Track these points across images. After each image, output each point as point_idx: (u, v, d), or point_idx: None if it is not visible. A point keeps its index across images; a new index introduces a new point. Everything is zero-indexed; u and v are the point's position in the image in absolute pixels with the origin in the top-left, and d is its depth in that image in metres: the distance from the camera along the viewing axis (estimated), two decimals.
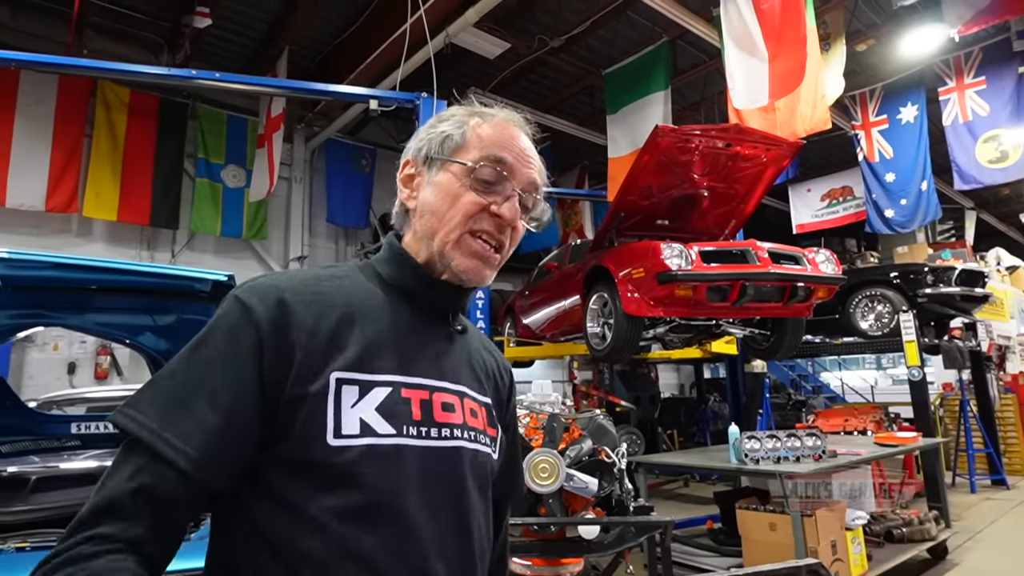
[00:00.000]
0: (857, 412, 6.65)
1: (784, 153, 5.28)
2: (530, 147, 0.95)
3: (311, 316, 0.79)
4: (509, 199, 0.88)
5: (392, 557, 0.74)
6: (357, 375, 0.78)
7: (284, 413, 0.75)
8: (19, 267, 2.11)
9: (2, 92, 7.40)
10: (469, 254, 0.87)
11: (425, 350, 0.87)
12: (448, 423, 0.84)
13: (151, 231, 8.70)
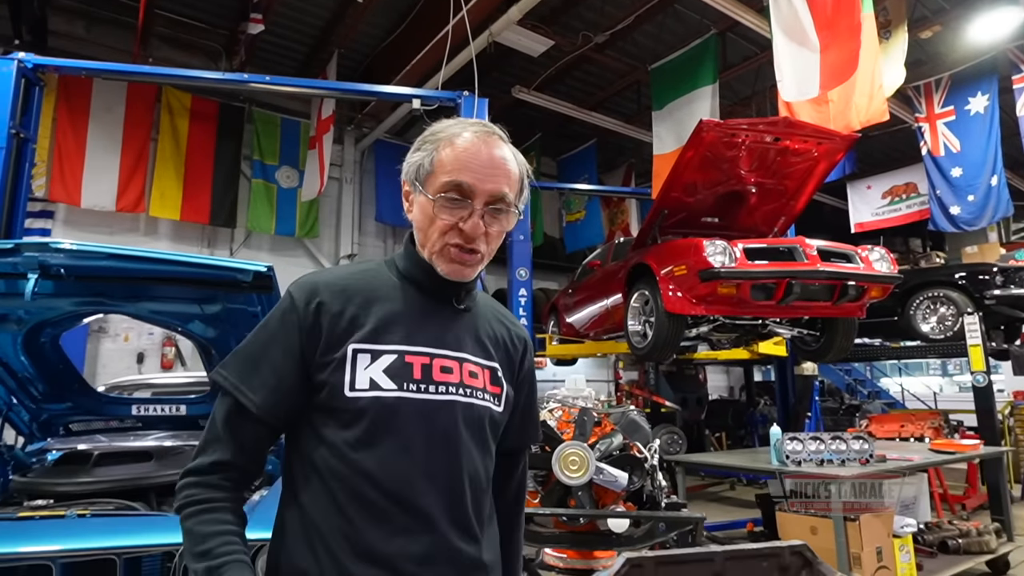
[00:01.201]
0: (914, 418, 6.34)
1: (837, 147, 5.09)
2: (497, 157, 1.08)
3: (338, 303, 1.07)
4: (472, 216, 1.06)
5: (388, 473, 1.02)
6: (370, 346, 1.06)
7: (317, 374, 1.05)
8: (80, 257, 2.28)
9: (78, 101, 7.91)
10: (448, 261, 1.09)
11: (429, 326, 1.11)
12: (444, 382, 1.08)
13: (211, 230, 9.12)
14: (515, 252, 7.70)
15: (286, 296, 1.10)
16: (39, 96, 5.26)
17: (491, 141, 1.08)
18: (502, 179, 1.07)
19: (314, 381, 1.04)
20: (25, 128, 5.00)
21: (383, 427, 1.02)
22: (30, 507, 2.30)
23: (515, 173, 1.10)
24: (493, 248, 1.11)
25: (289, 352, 1.04)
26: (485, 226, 1.07)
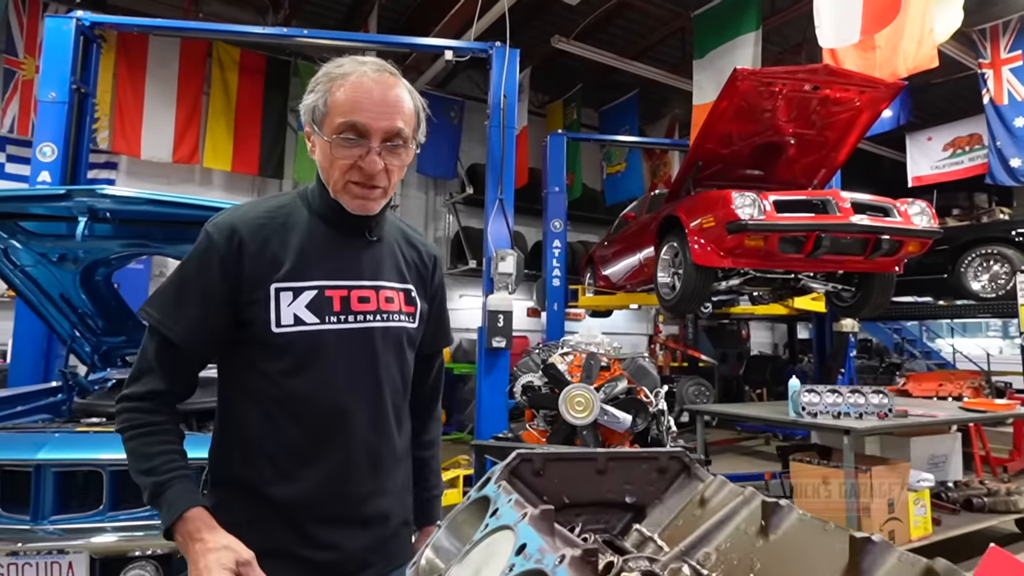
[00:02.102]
0: (954, 377, 6.16)
1: (882, 96, 4.87)
2: (391, 96, 1.11)
3: (256, 243, 1.13)
4: (370, 153, 1.10)
5: (318, 395, 1.14)
6: (291, 284, 1.13)
7: (245, 310, 1.13)
8: (122, 202, 2.51)
9: (136, 57, 8.27)
10: (352, 197, 1.14)
11: (345, 260, 1.19)
12: (362, 311, 1.19)
13: (261, 180, 9.49)
14: (550, 204, 7.75)
15: (204, 235, 1.12)
16: (97, 53, 5.53)
17: (383, 80, 1.11)
18: (396, 116, 1.11)
19: (241, 317, 1.11)
20: (85, 83, 5.31)
21: (310, 356, 1.13)
22: (86, 423, 2.61)
23: (409, 108, 1.14)
24: (395, 181, 1.17)
25: (211, 288, 1.10)
26: (384, 162, 1.11)
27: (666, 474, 0.88)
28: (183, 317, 1.10)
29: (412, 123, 1.15)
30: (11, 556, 2.08)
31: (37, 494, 2.14)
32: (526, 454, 0.86)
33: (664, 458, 0.88)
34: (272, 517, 1.14)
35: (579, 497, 0.86)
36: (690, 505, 0.84)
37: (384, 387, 1.21)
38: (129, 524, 2.21)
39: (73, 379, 3.26)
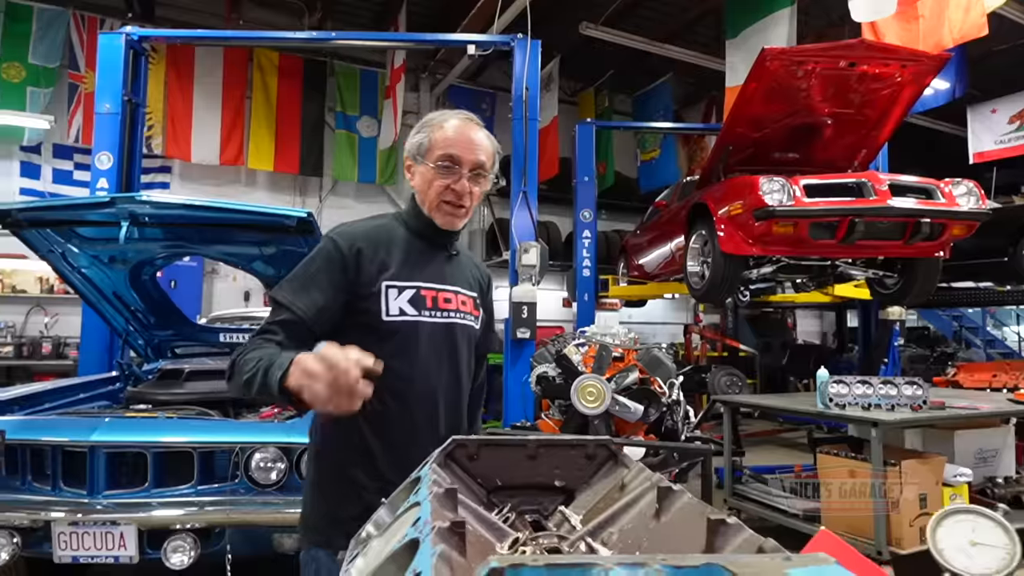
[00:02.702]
0: (1009, 368, 5.83)
1: (926, 69, 4.63)
2: (477, 136, 1.47)
3: (370, 250, 1.43)
4: (460, 179, 1.43)
5: (414, 374, 1.42)
6: (397, 282, 1.44)
7: (359, 302, 1.41)
8: (159, 207, 2.74)
9: (184, 66, 8.70)
10: (443, 214, 1.47)
11: (433, 268, 1.51)
12: (447, 308, 1.50)
13: (302, 179, 9.81)
14: (580, 194, 7.74)
15: (330, 240, 1.44)
16: (145, 65, 5.88)
17: (471, 126, 1.47)
18: (481, 152, 1.45)
19: (357, 307, 1.40)
20: (135, 94, 5.65)
21: (410, 340, 1.43)
22: (135, 409, 2.86)
23: (489, 149, 1.48)
24: (474, 205, 1.49)
25: (333, 282, 1.38)
26: (470, 186, 1.44)
27: (594, 460, 0.95)
28: (308, 299, 1.37)
29: (491, 160, 1.49)
30: (72, 525, 2.33)
31: (92, 471, 2.39)
32: (461, 440, 0.95)
33: (592, 446, 0.96)
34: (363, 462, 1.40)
35: (511, 480, 0.95)
36: (612, 489, 0.91)
37: (461, 372, 1.53)
38: (171, 500, 2.44)
39: (128, 369, 3.55)
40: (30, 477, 2.43)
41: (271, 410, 3.01)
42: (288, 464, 2.50)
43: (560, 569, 0.41)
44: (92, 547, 2.33)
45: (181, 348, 3.98)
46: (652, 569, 0.40)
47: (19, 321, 8.02)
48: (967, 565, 0.56)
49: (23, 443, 2.41)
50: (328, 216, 10.05)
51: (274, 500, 2.47)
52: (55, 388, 3.23)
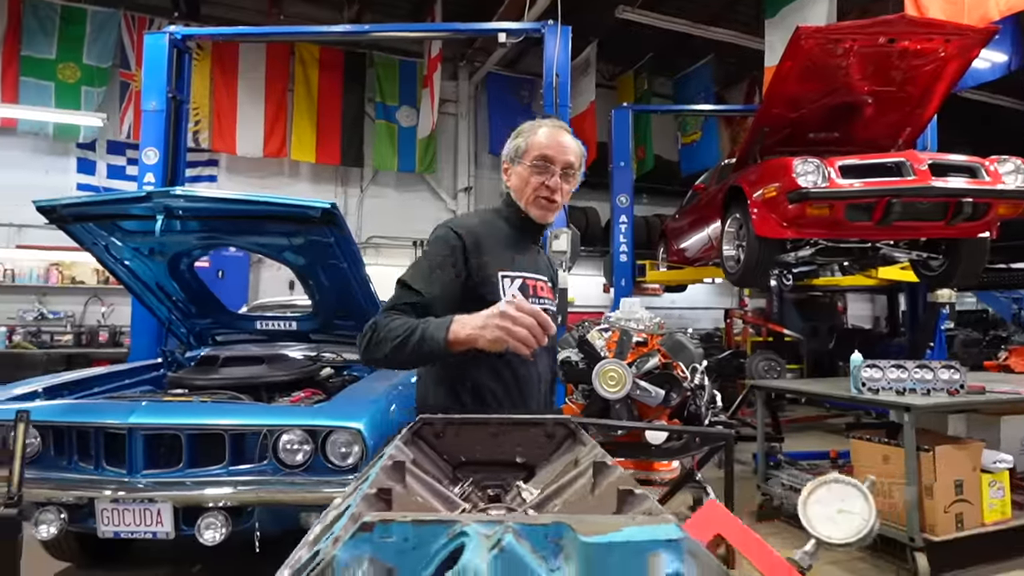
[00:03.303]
0: None
1: (971, 43, 4.42)
2: (567, 140, 1.66)
3: (484, 240, 1.61)
4: (553, 176, 1.62)
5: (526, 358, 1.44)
6: (508, 272, 1.62)
7: (478, 288, 1.56)
8: (191, 200, 2.87)
9: (228, 62, 8.99)
10: (538, 208, 1.66)
11: (528, 258, 1.70)
12: (540, 296, 1.69)
13: (344, 170, 10.04)
14: (616, 179, 7.66)
15: (448, 230, 1.61)
16: (189, 63, 6.08)
17: (562, 131, 1.67)
18: (571, 154, 1.64)
19: (474, 293, 1.55)
20: (180, 92, 5.87)
21: None
22: (172, 394, 3.02)
23: (577, 151, 1.67)
24: (564, 200, 1.67)
25: (452, 269, 1.55)
26: (561, 183, 1.63)
27: (553, 438, 0.98)
28: (432, 282, 1.53)
29: (579, 161, 1.67)
30: (114, 503, 2.49)
31: (130, 452, 2.54)
32: (427, 418, 1.00)
33: (550, 424, 0.98)
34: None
35: (475, 457, 0.99)
36: (568, 465, 0.94)
37: (552, 355, 1.76)
38: (204, 480, 2.57)
39: (171, 356, 3.74)
40: (76, 457, 2.60)
41: (299, 395, 3.14)
42: (314, 446, 2.59)
43: (424, 525, 0.44)
44: (132, 523, 2.48)
45: (221, 336, 4.16)
46: (505, 526, 0.43)
47: (78, 311, 8.49)
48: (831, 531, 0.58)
49: (69, 425, 2.58)
50: (369, 205, 10.28)
51: (301, 480, 2.57)
52: (103, 374, 3.44)
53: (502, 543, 0.41)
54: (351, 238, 3.08)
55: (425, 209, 10.63)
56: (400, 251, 10.38)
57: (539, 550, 0.43)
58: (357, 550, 0.43)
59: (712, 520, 0.56)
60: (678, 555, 0.42)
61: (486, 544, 0.42)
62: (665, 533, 0.42)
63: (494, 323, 1.28)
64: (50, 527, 2.46)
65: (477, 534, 0.43)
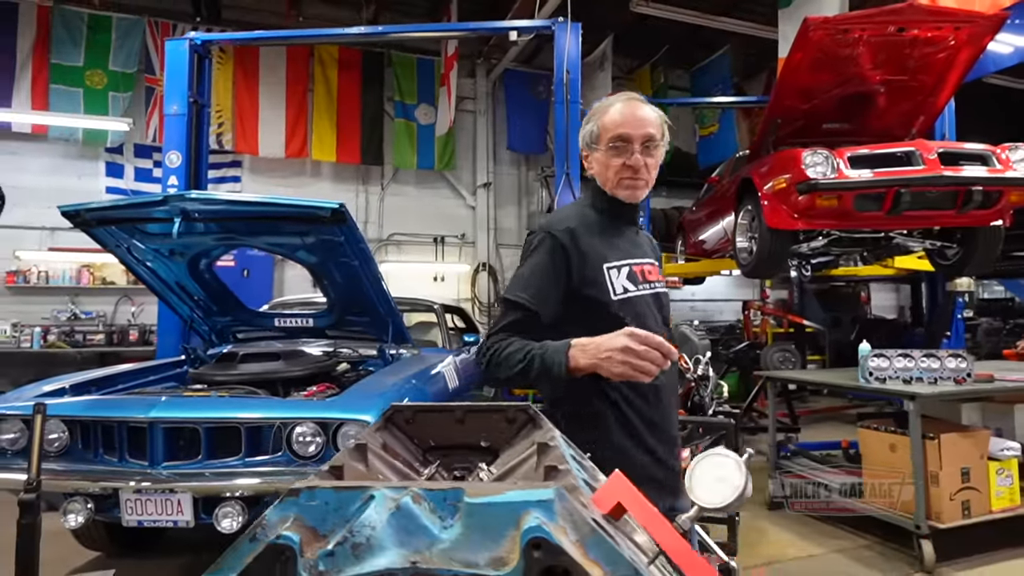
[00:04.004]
0: None
1: (982, 30, 4.39)
2: (642, 111, 1.55)
3: (584, 237, 1.55)
4: (633, 154, 1.53)
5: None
6: (614, 263, 1.56)
7: (584, 288, 1.52)
8: (206, 203, 3.00)
9: (249, 65, 9.16)
10: (624, 188, 1.57)
11: (628, 244, 1.63)
12: (648, 280, 1.62)
13: (364, 169, 10.17)
14: None
15: (546, 234, 1.55)
16: (209, 67, 6.27)
17: (634, 104, 1.56)
18: (648, 125, 1.54)
19: (581, 293, 1.51)
20: (200, 96, 6.05)
21: (634, 311, 1.53)
22: (191, 390, 3.16)
23: (656, 120, 1.56)
24: (652, 176, 1.57)
25: (557, 270, 1.51)
26: (643, 159, 1.53)
27: (514, 423, 1.06)
28: (535, 290, 1.51)
29: (659, 130, 1.56)
30: (137, 493, 2.63)
31: (152, 444, 2.68)
32: (399, 406, 1.08)
33: (511, 410, 1.06)
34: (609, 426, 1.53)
35: (443, 441, 1.07)
36: (526, 447, 1.02)
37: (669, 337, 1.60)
38: (221, 471, 2.70)
39: (194, 353, 3.89)
40: (101, 450, 2.75)
41: (314, 389, 3.26)
42: (325, 438, 2.70)
43: (343, 491, 0.53)
44: (154, 512, 2.61)
45: (242, 333, 4.31)
46: (410, 491, 0.52)
47: (109, 311, 8.75)
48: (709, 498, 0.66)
49: (95, 420, 2.73)
50: (390, 203, 10.42)
51: (313, 471, 2.69)
52: (128, 371, 3.59)
53: (399, 503, 0.50)
54: (361, 236, 3.18)
55: (445, 206, 10.75)
56: (422, 247, 10.52)
57: (438, 510, 0.52)
58: (285, 511, 0.52)
59: (616, 491, 0.64)
60: (546, 512, 0.50)
61: (389, 505, 0.51)
62: (538, 496, 0.51)
63: (618, 357, 1.27)
64: (78, 516, 2.60)
65: (384, 497, 0.52)
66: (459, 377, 4.01)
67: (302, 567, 0.48)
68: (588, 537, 0.52)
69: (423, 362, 3.79)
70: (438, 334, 5.00)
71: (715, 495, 0.66)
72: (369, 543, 0.49)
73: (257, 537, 0.51)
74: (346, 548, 0.49)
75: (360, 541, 0.49)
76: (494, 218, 10.93)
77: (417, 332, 4.87)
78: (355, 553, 0.49)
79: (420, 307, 5.37)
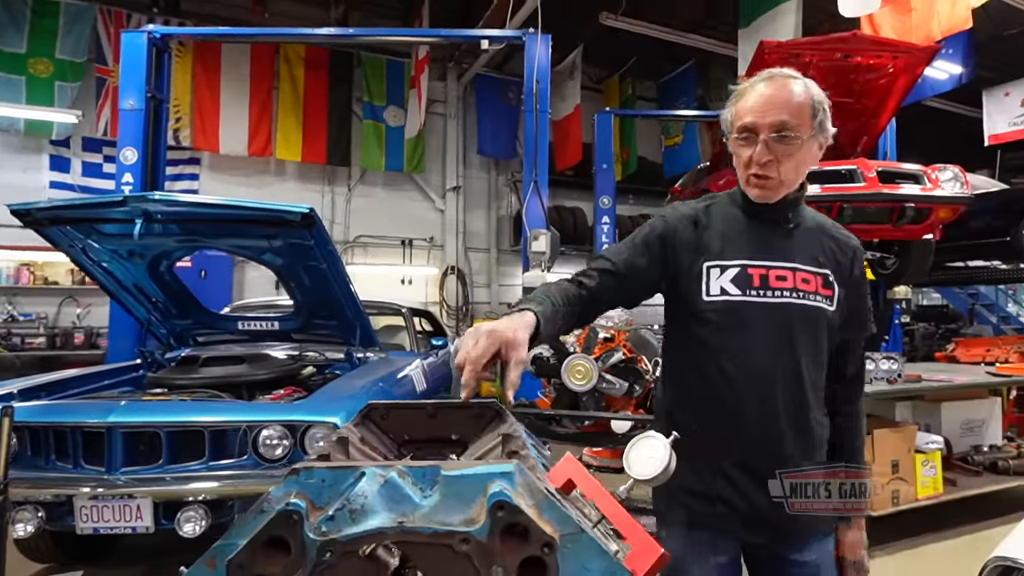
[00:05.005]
0: (1003, 343, 5.89)
1: (916, 60, 4.72)
2: (777, 94, 1.30)
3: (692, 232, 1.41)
4: (758, 146, 1.31)
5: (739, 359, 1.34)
6: (720, 261, 1.38)
7: (681, 285, 1.40)
8: (169, 205, 2.95)
9: (210, 60, 8.93)
10: (751, 187, 1.37)
11: (765, 243, 1.39)
12: (781, 287, 1.36)
13: (331, 169, 10.05)
14: (599, 181, 7.85)
15: (660, 217, 1.45)
16: (168, 62, 6.10)
17: (772, 83, 1.31)
18: (781, 111, 1.28)
19: (678, 291, 1.40)
20: (159, 91, 5.88)
21: (734, 322, 1.35)
22: (151, 394, 3.11)
23: (797, 102, 1.29)
24: (787, 170, 1.32)
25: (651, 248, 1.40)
26: (771, 153, 1.30)
27: (482, 418, 1.12)
28: (625, 256, 1.40)
29: (803, 114, 1.29)
30: (93, 500, 2.54)
31: (110, 450, 2.60)
32: (374, 404, 1.13)
33: (477, 407, 1.12)
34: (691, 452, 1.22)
35: (416, 435, 1.13)
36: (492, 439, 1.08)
37: (801, 360, 1.36)
38: (183, 475, 2.65)
39: (151, 357, 3.80)
40: (53, 456, 2.65)
41: (280, 393, 3.25)
42: (293, 440, 2.67)
43: (337, 470, 0.60)
44: (111, 519, 2.54)
45: (203, 336, 4.23)
46: (396, 469, 0.59)
47: (51, 312, 8.30)
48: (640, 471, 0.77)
49: (46, 425, 2.63)
50: (357, 205, 10.33)
51: (280, 473, 2.62)
52: (80, 375, 3.46)
53: (387, 477, 0.57)
54: (330, 240, 3.16)
55: (413, 208, 10.72)
56: (389, 250, 10.46)
57: (419, 483, 0.59)
58: (288, 488, 0.59)
59: (567, 470, 0.72)
60: (508, 482, 0.61)
61: (379, 479, 0.58)
62: (501, 469, 0.60)
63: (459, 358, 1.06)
64: (27, 525, 2.49)
65: (374, 473, 0.59)
66: (427, 380, 4.03)
67: (308, 529, 0.56)
68: (542, 502, 0.62)
69: (390, 365, 3.79)
70: (405, 337, 5.02)
71: (645, 468, 0.76)
72: (363, 509, 0.59)
73: (264, 509, 0.58)
74: (344, 513, 0.59)
75: (356, 507, 0.59)
76: (463, 222, 10.95)
77: (384, 335, 4.86)
78: (352, 517, 0.59)
79: (387, 310, 5.37)
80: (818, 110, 1.30)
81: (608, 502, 0.68)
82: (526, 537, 0.59)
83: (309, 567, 0.58)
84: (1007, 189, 6.96)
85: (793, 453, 1.35)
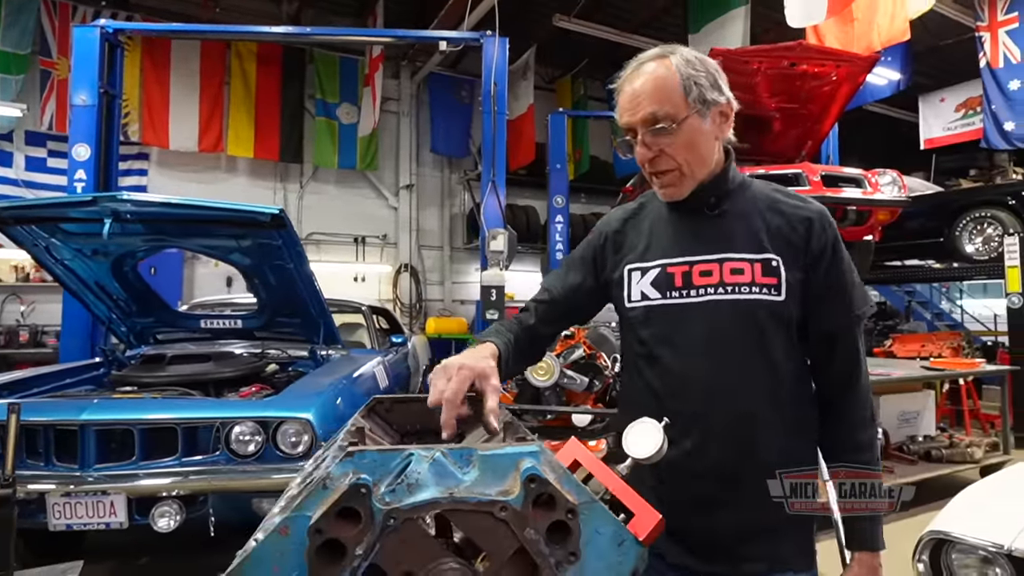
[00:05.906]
0: (936, 338, 6.38)
1: (858, 69, 5.05)
2: (638, 89, 1.19)
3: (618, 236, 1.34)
4: (640, 146, 1.21)
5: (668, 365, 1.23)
6: (641, 263, 1.28)
7: (611, 292, 1.33)
8: (140, 205, 2.97)
9: (159, 55, 8.74)
10: (658, 187, 1.26)
11: (687, 237, 1.26)
12: (704, 284, 1.22)
13: (283, 166, 9.96)
14: (552, 181, 8.05)
15: (598, 228, 1.40)
16: (121, 56, 6.00)
17: (635, 76, 1.20)
18: (647, 103, 1.16)
19: (611, 298, 1.33)
20: (112, 86, 5.79)
21: (658, 328, 1.24)
22: (121, 391, 3.12)
23: (663, 88, 1.16)
24: (682, 158, 1.19)
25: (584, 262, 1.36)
26: (653, 148, 1.18)
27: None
28: (562, 280, 1.37)
29: (672, 98, 1.17)
30: (65, 496, 2.58)
31: (83, 448, 2.64)
32: (379, 398, 1.26)
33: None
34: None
35: (419, 427, 1.26)
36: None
37: (739, 367, 1.19)
38: (157, 471, 2.70)
39: (112, 355, 3.78)
40: (24, 455, 2.64)
41: (248, 390, 3.29)
42: (265, 436, 2.75)
43: (386, 452, 0.72)
44: (84, 515, 2.57)
45: (163, 334, 4.21)
46: (438, 451, 0.72)
47: None
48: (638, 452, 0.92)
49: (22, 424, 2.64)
50: (309, 202, 10.25)
51: (252, 468, 2.72)
52: (42, 374, 3.44)
53: (434, 457, 0.70)
54: (298, 241, 3.24)
55: (366, 206, 10.71)
56: (342, 247, 10.42)
57: (458, 462, 0.72)
58: (345, 467, 0.71)
59: (573, 452, 0.86)
60: (536, 459, 0.75)
61: (426, 460, 0.71)
62: (529, 449, 0.74)
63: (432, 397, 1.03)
64: None
65: (420, 455, 0.72)
66: (388, 376, 4.14)
67: (374, 499, 0.68)
68: (563, 477, 0.76)
69: (354, 363, 3.87)
70: (364, 335, 5.08)
71: (642, 449, 0.91)
72: (418, 483, 0.72)
73: (327, 485, 0.70)
74: (403, 487, 0.71)
75: (412, 482, 0.72)
76: (416, 219, 11.00)
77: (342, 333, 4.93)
78: (409, 490, 0.71)
79: (347, 308, 5.42)
80: (689, 86, 1.16)
81: (610, 478, 0.82)
82: (552, 505, 0.72)
83: (377, 531, 0.69)
84: (941, 192, 7.49)
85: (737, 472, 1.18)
